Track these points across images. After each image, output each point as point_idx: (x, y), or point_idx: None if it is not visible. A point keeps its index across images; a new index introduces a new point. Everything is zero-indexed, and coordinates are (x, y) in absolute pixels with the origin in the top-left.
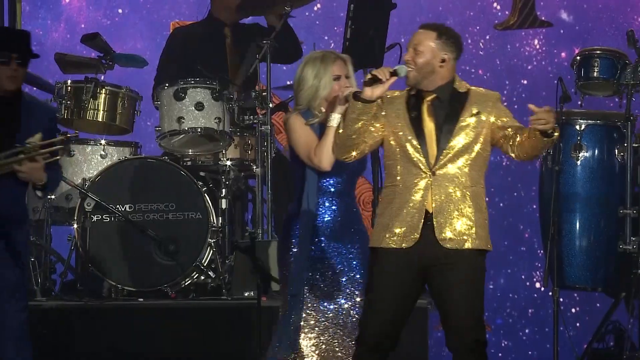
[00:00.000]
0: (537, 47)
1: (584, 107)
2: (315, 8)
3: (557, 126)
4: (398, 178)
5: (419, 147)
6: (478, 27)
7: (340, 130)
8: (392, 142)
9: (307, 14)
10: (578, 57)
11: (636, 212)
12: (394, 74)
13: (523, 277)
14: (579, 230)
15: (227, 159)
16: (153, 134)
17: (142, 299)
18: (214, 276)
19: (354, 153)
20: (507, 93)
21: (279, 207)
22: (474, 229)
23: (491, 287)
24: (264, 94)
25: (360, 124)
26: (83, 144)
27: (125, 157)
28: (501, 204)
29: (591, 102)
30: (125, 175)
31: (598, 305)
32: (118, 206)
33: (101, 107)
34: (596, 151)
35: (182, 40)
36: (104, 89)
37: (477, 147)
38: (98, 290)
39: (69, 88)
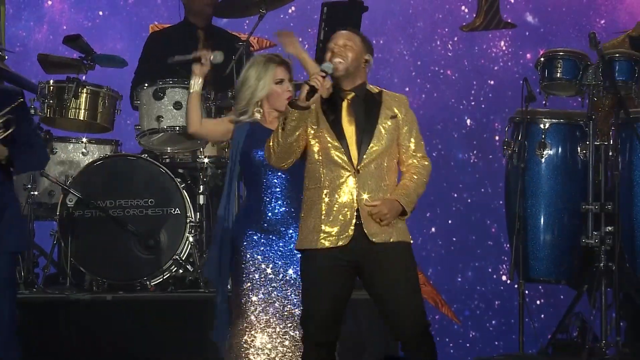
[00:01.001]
0: (503, 48)
1: (548, 107)
2: (290, 10)
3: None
4: (322, 179)
5: (341, 148)
6: (446, 29)
7: (279, 140)
8: (313, 146)
9: (281, 16)
10: (542, 59)
11: (598, 207)
12: (324, 75)
13: (490, 270)
14: (544, 225)
15: (205, 157)
16: (133, 132)
17: (122, 292)
18: (191, 270)
19: (291, 159)
20: (474, 93)
21: None
22: (398, 223)
23: (459, 279)
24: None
25: (299, 131)
26: (65, 142)
27: (106, 154)
28: (469, 200)
29: (555, 101)
30: (106, 172)
31: (562, 297)
32: (99, 202)
33: (82, 106)
34: (560, 149)
35: (159, 43)
36: (85, 89)
37: (392, 149)
38: (80, 284)
39: (52, 88)
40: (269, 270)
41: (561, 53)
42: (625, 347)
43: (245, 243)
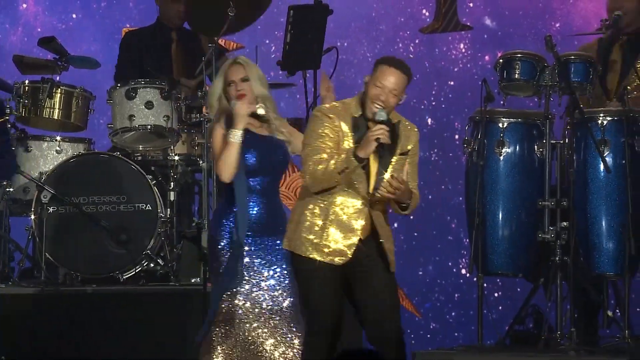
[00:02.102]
0: (463, 50)
1: (506, 107)
2: None
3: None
4: (335, 197)
5: (362, 172)
6: (408, 32)
7: (327, 177)
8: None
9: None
10: (500, 60)
11: (554, 203)
12: (386, 125)
13: (450, 264)
14: (502, 221)
15: (175, 154)
16: (106, 131)
17: (95, 285)
18: (162, 263)
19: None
20: (435, 93)
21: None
22: (392, 247)
23: (420, 273)
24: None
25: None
26: (40, 140)
27: (80, 152)
28: (430, 197)
29: (513, 101)
30: (80, 170)
31: (519, 290)
32: (72, 198)
33: (57, 106)
34: (517, 147)
35: (133, 44)
36: (59, 89)
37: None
38: (54, 277)
39: (27, 88)
40: (247, 272)
41: (519, 55)
42: (579, 337)
43: (224, 242)
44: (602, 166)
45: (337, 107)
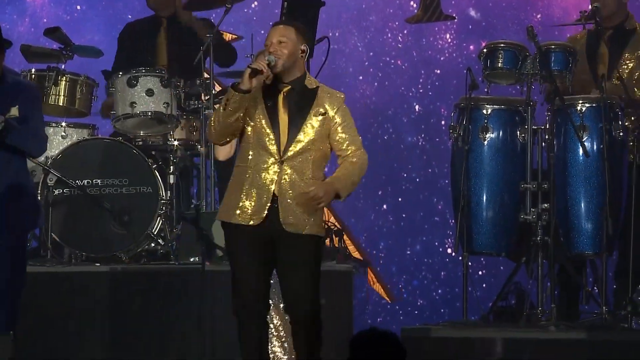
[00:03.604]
0: (449, 40)
1: (490, 94)
2: (253, 5)
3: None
4: (250, 160)
5: (271, 135)
6: (397, 23)
7: (220, 119)
8: (248, 128)
9: (245, 10)
10: (484, 50)
11: (535, 186)
12: (268, 65)
13: (436, 244)
14: (486, 203)
15: (175, 140)
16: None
17: (98, 264)
18: (163, 244)
19: (230, 138)
20: (422, 81)
21: (223, 182)
22: (312, 217)
23: (408, 252)
24: (207, 81)
25: (238, 113)
26: (46, 126)
27: (84, 137)
28: (417, 180)
29: (496, 89)
30: (84, 154)
31: (502, 268)
32: (77, 181)
33: (62, 93)
34: (501, 133)
35: (130, 34)
36: (64, 77)
37: (319, 144)
38: (59, 256)
39: (33, 76)
40: None
41: (502, 45)
42: (558, 313)
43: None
44: (581, 151)
45: None
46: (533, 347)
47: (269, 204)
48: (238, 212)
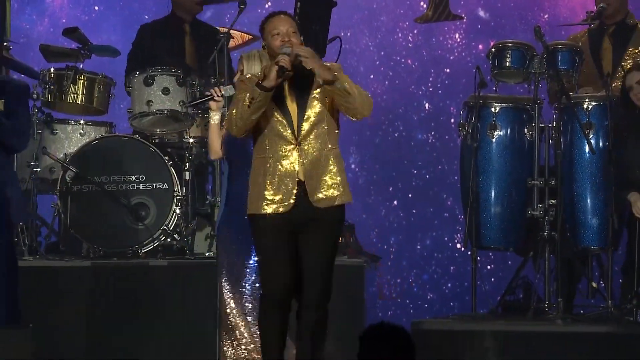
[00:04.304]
0: (458, 40)
1: (498, 92)
2: (267, 5)
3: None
4: (267, 149)
5: (283, 120)
6: (407, 23)
7: (244, 115)
8: (261, 119)
9: (259, 10)
10: (493, 49)
11: (542, 182)
12: (288, 55)
13: (446, 239)
14: (494, 199)
15: (190, 137)
16: (126, 115)
17: (115, 258)
18: (178, 238)
19: (249, 131)
20: (432, 80)
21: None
22: (341, 187)
23: (419, 247)
24: (222, 79)
25: (263, 109)
26: (64, 124)
27: (102, 135)
28: (427, 176)
29: (504, 88)
30: (102, 151)
31: (509, 263)
32: (95, 177)
33: (80, 91)
34: (508, 130)
35: (148, 35)
36: (82, 76)
37: (328, 115)
38: (77, 251)
39: (52, 75)
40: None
41: (510, 44)
42: (565, 307)
43: (227, 222)
44: (587, 148)
45: (252, 75)
46: (540, 339)
47: (295, 190)
48: (265, 203)
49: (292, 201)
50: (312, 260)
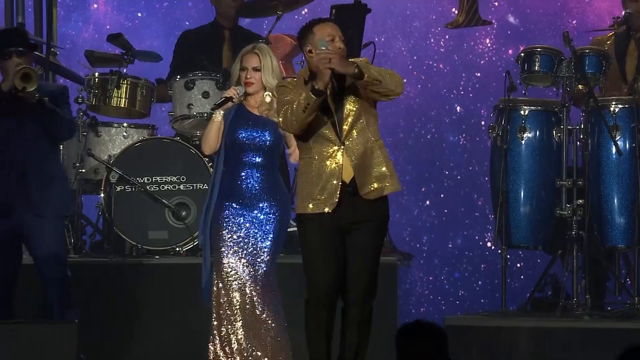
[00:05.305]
0: (489, 45)
1: (528, 96)
2: (303, 12)
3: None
4: (312, 150)
5: (328, 122)
6: (439, 29)
7: (300, 118)
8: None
9: (296, 17)
10: (522, 54)
11: (570, 183)
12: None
13: (477, 238)
14: (523, 199)
15: None
16: (167, 118)
17: (158, 257)
18: None
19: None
20: (463, 84)
21: None
22: (389, 176)
23: (450, 246)
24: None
25: (316, 111)
26: (108, 127)
27: (144, 137)
28: (459, 177)
29: (533, 91)
30: (144, 153)
31: (538, 261)
32: (138, 178)
33: (123, 95)
34: (537, 132)
35: (189, 41)
36: (125, 80)
37: (366, 106)
38: (121, 249)
39: (97, 79)
40: (241, 236)
41: (539, 49)
42: (592, 304)
43: (222, 213)
44: (614, 149)
45: (292, 79)
46: (568, 335)
47: (339, 190)
48: (311, 203)
49: (336, 200)
50: (359, 258)
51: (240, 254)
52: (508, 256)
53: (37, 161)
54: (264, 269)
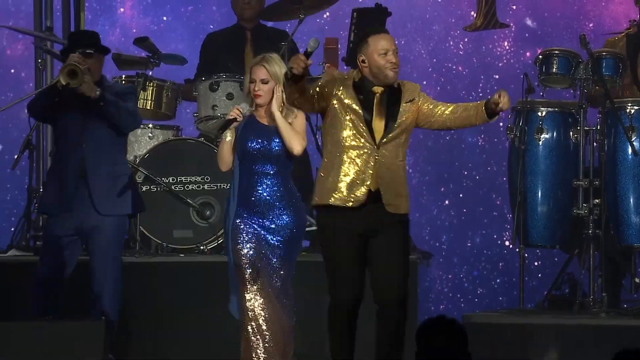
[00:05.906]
0: (507, 47)
1: (545, 97)
2: (325, 16)
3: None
4: (345, 145)
5: (368, 123)
6: (458, 32)
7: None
8: (344, 114)
9: (317, 20)
10: (540, 56)
11: (587, 183)
12: (306, 55)
13: (495, 236)
14: (541, 198)
15: None
16: (192, 119)
17: (182, 255)
18: None
19: (309, 107)
20: (482, 86)
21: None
22: (404, 196)
23: (469, 245)
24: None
25: (297, 95)
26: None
27: (169, 138)
28: (477, 177)
29: (551, 93)
30: (169, 153)
31: (556, 259)
32: (163, 178)
33: (149, 97)
34: (555, 133)
35: (214, 43)
36: (151, 82)
37: (408, 129)
38: (147, 247)
39: (123, 82)
40: (255, 245)
41: (556, 52)
42: (609, 301)
43: (237, 220)
44: (629, 150)
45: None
46: (585, 332)
47: (365, 189)
48: (336, 194)
49: (361, 197)
50: (389, 260)
51: (256, 259)
52: (526, 255)
53: (99, 159)
54: (278, 281)
